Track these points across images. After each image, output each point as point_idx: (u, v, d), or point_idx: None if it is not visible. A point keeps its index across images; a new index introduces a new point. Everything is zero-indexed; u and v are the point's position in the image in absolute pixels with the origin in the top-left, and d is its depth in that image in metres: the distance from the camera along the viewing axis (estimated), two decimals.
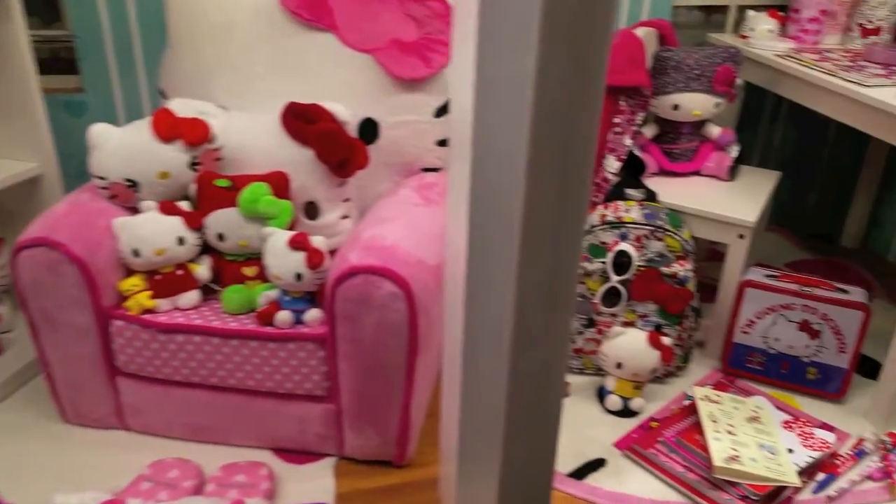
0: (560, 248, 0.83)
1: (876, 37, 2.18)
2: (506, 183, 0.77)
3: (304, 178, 1.63)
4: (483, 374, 0.89)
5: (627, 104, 1.93)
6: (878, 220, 2.69)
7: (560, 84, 0.69)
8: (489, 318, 0.85)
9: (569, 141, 0.75)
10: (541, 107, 0.69)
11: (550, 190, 0.79)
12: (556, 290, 0.85)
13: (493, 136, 0.77)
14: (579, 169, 0.78)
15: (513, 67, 0.68)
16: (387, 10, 1.74)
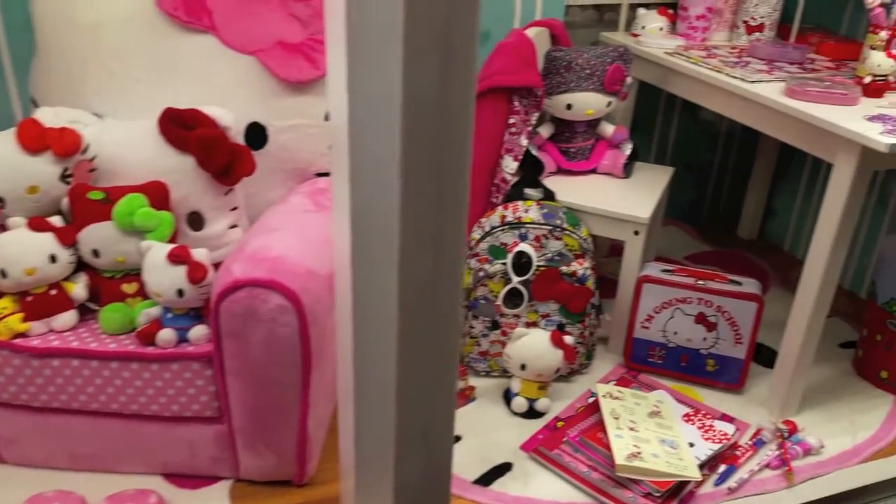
0: (441, 253, 0.79)
1: (760, 33, 2.25)
2: (382, 189, 0.74)
3: (186, 188, 1.55)
4: (373, 385, 0.85)
5: (521, 104, 1.92)
6: (773, 210, 2.79)
7: (429, 90, 0.66)
8: (374, 328, 0.81)
9: (443, 145, 0.72)
10: (410, 113, 0.66)
11: (427, 195, 0.75)
12: (440, 296, 0.81)
13: (368, 143, 0.73)
14: (456, 173, 0.75)
15: (381, 75, 0.65)
16: (269, 10, 1.68)
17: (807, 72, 1.94)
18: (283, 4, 1.68)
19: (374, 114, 0.73)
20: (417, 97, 0.67)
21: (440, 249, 0.80)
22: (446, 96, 0.68)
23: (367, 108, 0.72)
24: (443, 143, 0.73)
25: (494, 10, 2.26)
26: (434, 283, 0.79)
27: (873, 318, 1.92)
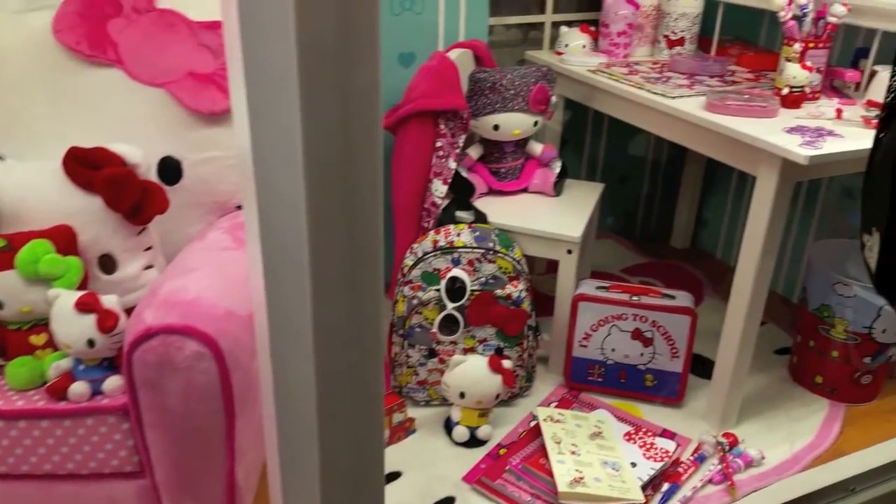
0: (357, 292, 0.75)
1: (681, 47, 2.27)
2: (291, 227, 0.70)
3: (95, 230, 1.47)
4: (297, 431, 0.80)
5: (447, 127, 1.89)
6: (704, 220, 2.82)
7: (330, 124, 0.62)
8: (294, 371, 0.77)
9: (351, 178, 0.68)
10: (312, 149, 0.62)
11: (338, 231, 0.71)
12: (359, 336, 0.77)
13: (273, 179, 0.69)
14: (367, 207, 0.71)
15: (280, 112, 0.61)
16: (178, 41, 1.61)
17: (727, 84, 1.96)
18: (192, 34, 1.61)
19: (277, 151, 0.69)
20: (319, 135, 0.63)
21: (355, 289, 0.76)
22: (350, 136, 0.64)
23: (270, 145, 0.68)
24: (350, 181, 0.69)
25: (418, 32, 2.23)
26: (351, 323, 0.75)
27: (805, 325, 1.94)
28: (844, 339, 1.85)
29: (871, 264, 0.82)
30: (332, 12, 0.52)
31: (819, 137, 1.52)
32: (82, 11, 1.57)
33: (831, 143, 1.50)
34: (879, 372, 1.90)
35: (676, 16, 2.24)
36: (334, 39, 0.57)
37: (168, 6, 1.64)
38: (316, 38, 0.53)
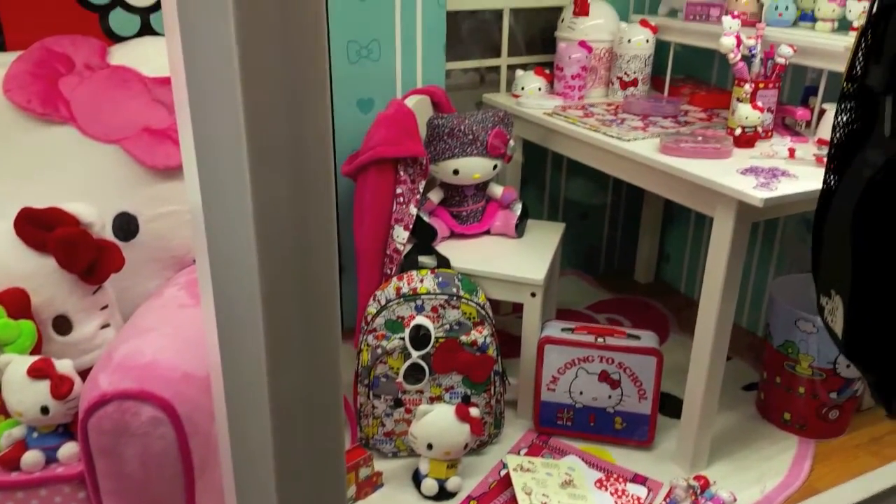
0: (314, 350, 0.73)
1: (634, 88, 2.31)
2: (244, 287, 0.68)
3: (49, 291, 1.43)
4: (255, 492, 0.77)
5: (407, 174, 1.89)
6: (666, 254, 2.85)
7: (280, 177, 0.60)
8: (250, 431, 0.74)
9: (304, 232, 0.66)
10: (262, 204, 0.60)
11: (292, 290, 0.69)
12: (316, 395, 0.75)
13: (224, 235, 0.67)
14: (322, 263, 0.70)
15: (230, 166, 0.59)
16: (131, 96, 1.59)
17: (680, 125, 2.00)
18: (146, 90, 1.59)
19: (227, 211, 0.67)
20: (268, 193, 0.61)
21: (311, 349, 0.74)
22: (302, 188, 0.63)
23: (220, 205, 0.66)
24: (303, 236, 0.67)
25: (376, 78, 2.24)
26: (308, 384, 0.73)
27: (771, 361, 1.95)
28: (810, 374, 1.86)
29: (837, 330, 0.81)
30: (279, 66, 0.51)
31: (773, 178, 1.55)
32: (33, 70, 1.54)
33: (786, 183, 1.53)
34: (846, 406, 1.92)
35: (629, 58, 2.29)
36: (282, 93, 0.56)
37: (121, 63, 1.62)
38: (263, 90, 0.52)
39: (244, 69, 0.49)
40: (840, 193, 0.78)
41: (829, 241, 0.81)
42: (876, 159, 0.73)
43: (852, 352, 0.83)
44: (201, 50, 0.53)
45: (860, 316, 0.79)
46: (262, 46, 0.49)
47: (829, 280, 0.83)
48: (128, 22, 1.85)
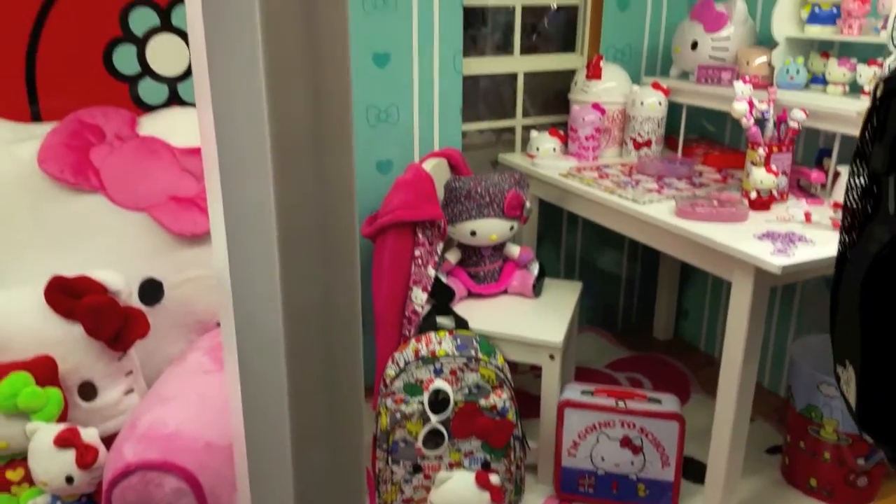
0: (339, 426, 0.73)
1: (647, 148, 2.34)
2: (268, 356, 0.69)
3: (76, 358, 1.46)
4: None
5: (425, 236, 1.91)
6: (684, 310, 2.84)
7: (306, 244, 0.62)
8: None
9: (329, 306, 0.67)
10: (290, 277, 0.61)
11: (315, 364, 0.70)
12: (340, 474, 0.75)
13: (249, 305, 0.69)
14: (347, 345, 0.71)
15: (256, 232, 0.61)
16: (161, 166, 1.63)
17: (695, 186, 2.02)
18: (174, 160, 1.64)
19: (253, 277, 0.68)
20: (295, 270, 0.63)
21: (336, 422, 0.74)
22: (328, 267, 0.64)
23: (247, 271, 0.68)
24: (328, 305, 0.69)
25: (395, 140, 2.29)
26: (332, 459, 0.73)
27: (795, 425, 1.93)
28: (835, 440, 1.84)
29: (851, 400, 0.81)
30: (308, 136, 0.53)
31: (790, 244, 1.56)
32: (67, 141, 1.60)
33: (803, 249, 1.54)
34: (875, 472, 1.88)
35: (641, 119, 2.32)
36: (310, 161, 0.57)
37: (150, 133, 1.67)
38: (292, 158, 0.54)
39: (274, 139, 0.51)
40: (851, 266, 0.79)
41: (842, 310, 0.83)
42: (882, 235, 0.75)
43: (865, 423, 0.83)
44: (233, 120, 0.55)
45: (871, 388, 0.79)
46: (291, 118, 0.51)
47: (843, 350, 0.84)
48: (156, 91, 1.92)
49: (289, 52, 0.49)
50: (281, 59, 0.49)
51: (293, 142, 0.52)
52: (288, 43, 0.49)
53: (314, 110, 0.53)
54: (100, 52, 1.85)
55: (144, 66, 1.89)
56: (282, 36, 0.48)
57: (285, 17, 0.48)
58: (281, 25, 0.48)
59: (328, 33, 0.50)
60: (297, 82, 0.51)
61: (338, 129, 0.55)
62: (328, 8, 0.49)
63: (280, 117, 0.51)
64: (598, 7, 2.51)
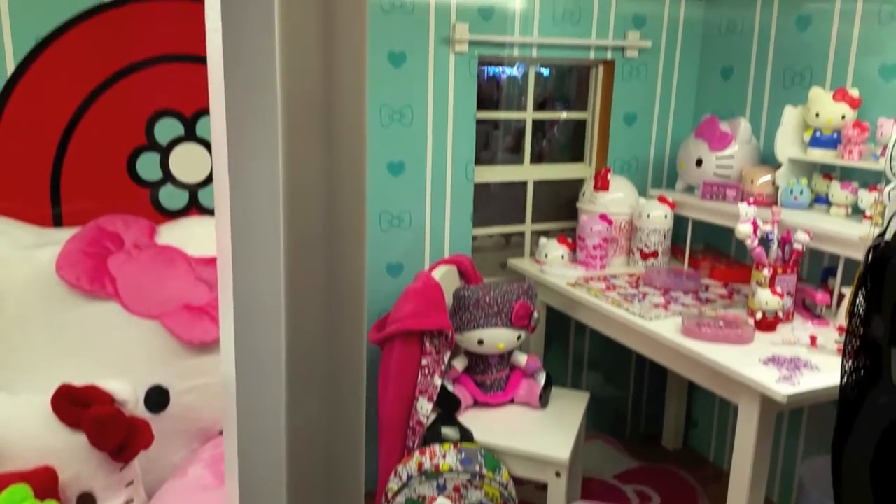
0: None
1: (654, 259, 2.38)
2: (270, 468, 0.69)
3: (77, 468, 1.45)
4: None
5: (433, 345, 1.93)
6: (694, 420, 2.81)
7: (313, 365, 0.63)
8: None
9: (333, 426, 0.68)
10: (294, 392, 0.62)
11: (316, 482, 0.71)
12: None
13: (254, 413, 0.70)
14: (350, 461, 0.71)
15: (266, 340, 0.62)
16: (176, 275, 1.67)
17: (702, 302, 2.03)
18: (190, 269, 1.68)
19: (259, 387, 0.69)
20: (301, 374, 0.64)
21: None
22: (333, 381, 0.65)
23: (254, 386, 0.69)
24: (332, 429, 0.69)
25: (406, 245, 2.34)
26: None
27: None
28: None
29: None
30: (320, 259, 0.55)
31: (796, 370, 1.56)
32: (85, 248, 1.64)
33: (808, 377, 1.54)
34: None
35: (648, 231, 2.36)
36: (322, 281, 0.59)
37: (168, 242, 1.72)
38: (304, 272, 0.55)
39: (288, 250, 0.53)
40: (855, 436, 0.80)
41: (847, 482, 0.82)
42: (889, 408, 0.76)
43: None
44: (250, 231, 0.57)
45: None
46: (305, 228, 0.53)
47: None
48: (177, 197, 1.98)
49: (307, 163, 0.52)
50: (299, 172, 0.51)
51: (306, 251, 0.54)
52: (307, 155, 0.51)
53: (328, 216, 0.55)
54: (124, 159, 1.92)
55: (167, 173, 1.96)
56: (301, 149, 0.50)
57: (305, 134, 0.51)
58: (301, 142, 0.50)
59: (347, 146, 0.52)
60: (315, 191, 0.53)
61: (351, 235, 0.57)
62: (346, 125, 0.52)
63: (295, 228, 0.53)
64: (606, 121, 2.60)
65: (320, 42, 0.51)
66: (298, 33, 0.50)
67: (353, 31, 0.51)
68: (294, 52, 0.49)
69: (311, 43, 0.50)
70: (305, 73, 0.50)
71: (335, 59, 0.51)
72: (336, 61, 0.51)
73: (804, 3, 2.23)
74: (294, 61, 0.50)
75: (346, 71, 0.52)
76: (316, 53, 0.50)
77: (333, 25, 0.52)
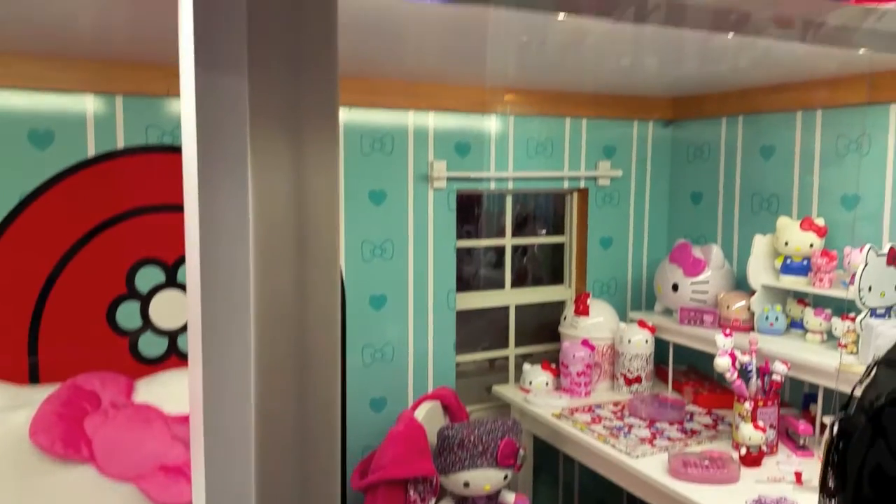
0: None
1: (638, 384, 2.37)
2: None
3: None
4: None
5: (417, 492, 1.89)
6: None
7: None
8: None
9: None
10: None
11: None
12: None
13: None
14: None
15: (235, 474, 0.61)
16: (152, 435, 1.65)
17: (687, 434, 2.02)
18: (166, 428, 1.66)
19: None
20: None
21: None
22: None
23: None
24: None
25: (390, 378, 2.33)
26: None
27: None
28: None
29: None
30: (291, 399, 0.54)
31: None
32: (60, 410, 1.62)
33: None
34: None
35: (630, 356, 2.37)
36: (293, 413, 0.58)
37: (146, 400, 1.70)
38: (275, 409, 0.55)
39: (259, 413, 0.52)
40: None
41: None
42: None
43: None
44: (220, 386, 0.57)
45: None
46: (277, 392, 0.52)
47: None
48: (156, 344, 1.98)
49: (280, 307, 0.52)
50: (272, 314, 0.52)
51: (278, 389, 0.54)
52: (281, 299, 0.52)
53: (300, 384, 0.55)
54: (104, 308, 1.93)
55: (146, 321, 1.97)
56: (274, 292, 0.51)
57: (278, 276, 0.52)
58: (273, 284, 0.51)
59: (321, 290, 0.53)
60: (288, 335, 0.54)
61: (324, 411, 0.57)
62: (319, 269, 0.53)
63: (266, 393, 0.53)
64: (583, 245, 2.65)
65: (292, 192, 0.53)
66: (271, 187, 0.52)
67: (325, 196, 0.53)
68: (266, 204, 0.51)
69: (282, 192, 0.52)
70: (277, 222, 0.52)
71: (307, 212, 0.53)
72: (308, 213, 0.53)
73: (767, 133, 2.33)
74: (266, 210, 0.52)
75: (320, 222, 0.54)
76: (287, 204, 0.53)
77: (305, 182, 0.54)
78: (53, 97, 1.82)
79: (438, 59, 1.86)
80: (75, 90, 1.84)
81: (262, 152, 0.54)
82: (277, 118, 0.56)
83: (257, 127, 0.55)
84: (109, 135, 1.89)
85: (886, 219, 1.99)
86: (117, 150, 1.90)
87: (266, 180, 0.53)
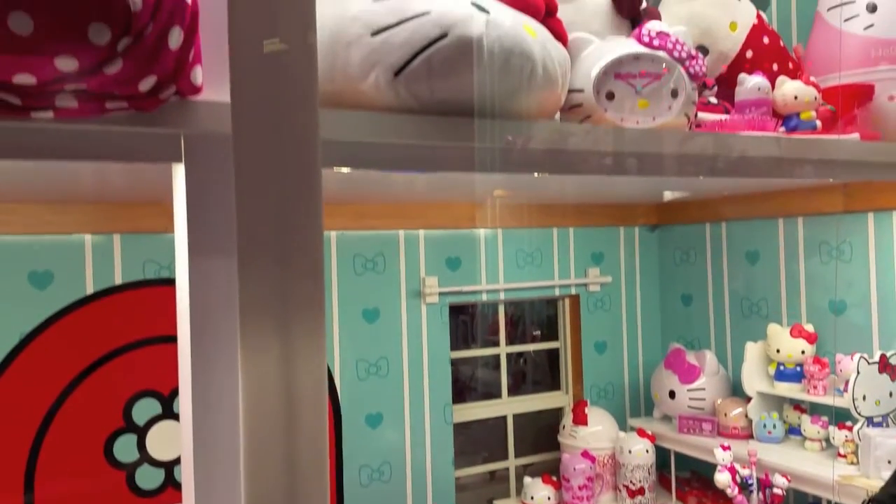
0: None
1: (641, 496, 2.34)
2: None
3: None
4: None
5: None
6: None
7: None
8: None
9: None
10: None
11: None
12: None
13: None
14: None
15: None
16: None
17: None
18: None
19: None
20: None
21: None
22: None
23: None
24: None
25: (386, 501, 2.30)
26: None
27: None
28: None
29: None
30: None
31: None
32: None
33: None
34: None
35: (632, 467, 2.35)
36: None
37: None
38: None
39: None
40: None
41: None
42: None
43: None
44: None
45: None
46: None
47: None
48: (153, 476, 1.96)
49: (269, 451, 0.53)
50: (261, 457, 0.53)
51: None
52: (269, 445, 0.53)
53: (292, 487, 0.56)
54: (101, 443, 1.92)
55: (143, 453, 1.96)
56: (262, 451, 0.52)
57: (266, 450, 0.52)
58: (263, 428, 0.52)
59: (309, 452, 0.54)
60: (276, 470, 0.54)
61: None
62: (308, 437, 0.54)
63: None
64: (577, 350, 2.67)
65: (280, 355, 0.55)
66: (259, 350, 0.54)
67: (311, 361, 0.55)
68: (254, 370, 0.53)
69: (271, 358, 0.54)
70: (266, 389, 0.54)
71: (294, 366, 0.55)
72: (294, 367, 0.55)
73: (751, 239, 2.39)
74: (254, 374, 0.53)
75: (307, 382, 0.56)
76: (275, 364, 0.54)
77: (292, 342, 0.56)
78: (53, 238, 1.87)
79: (426, 185, 1.93)
80: (74, 231, 1.89)
81: (252, 339, 0.57)
82: (267, 311, 0.60)
83: (247, 317, 0.58)
84: (108, 271, 1.93)
85: (875, 325, 2.01)
86: (115, 285, 1.94)
87: (256, 366, 0.56)
